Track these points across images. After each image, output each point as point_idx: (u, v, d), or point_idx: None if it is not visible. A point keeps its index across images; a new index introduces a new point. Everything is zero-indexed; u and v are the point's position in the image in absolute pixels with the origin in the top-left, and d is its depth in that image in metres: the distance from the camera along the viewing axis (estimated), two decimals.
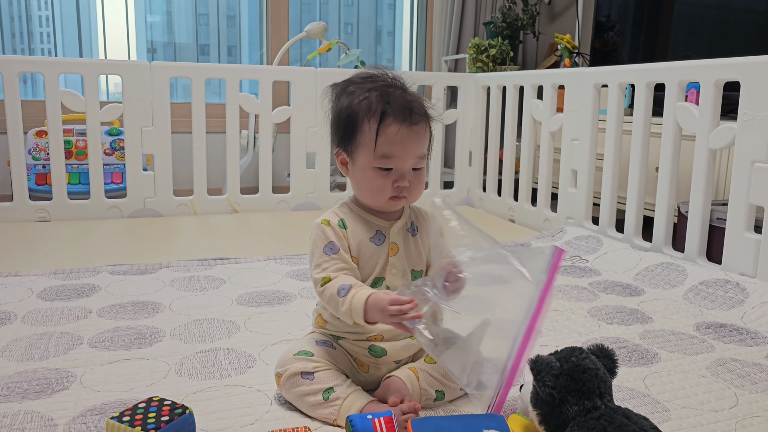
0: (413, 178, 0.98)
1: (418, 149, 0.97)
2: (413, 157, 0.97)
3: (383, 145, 0.95)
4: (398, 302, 0.86)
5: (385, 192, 0.97)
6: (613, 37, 2.95)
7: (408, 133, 0.96)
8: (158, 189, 2.51)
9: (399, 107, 0.96)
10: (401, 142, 0.95)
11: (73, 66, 2.39)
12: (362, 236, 1.00)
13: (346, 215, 1.02)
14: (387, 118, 0.95)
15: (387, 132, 0.95)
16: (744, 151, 1.64)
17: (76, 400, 1.00)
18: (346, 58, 3.07)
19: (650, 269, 1.76)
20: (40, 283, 1.59)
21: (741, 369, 1.17)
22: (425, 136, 0.99)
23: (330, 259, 0.97)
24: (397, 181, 0.96)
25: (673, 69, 1.84)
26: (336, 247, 0.97)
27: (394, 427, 0.84)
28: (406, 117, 0.95)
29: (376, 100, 0.96)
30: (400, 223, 1.02)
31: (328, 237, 0.98)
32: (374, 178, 0.97)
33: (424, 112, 0.98)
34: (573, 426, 0.73)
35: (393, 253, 1.01)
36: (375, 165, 0.97)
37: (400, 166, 0.96)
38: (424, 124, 0.99)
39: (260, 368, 1.13)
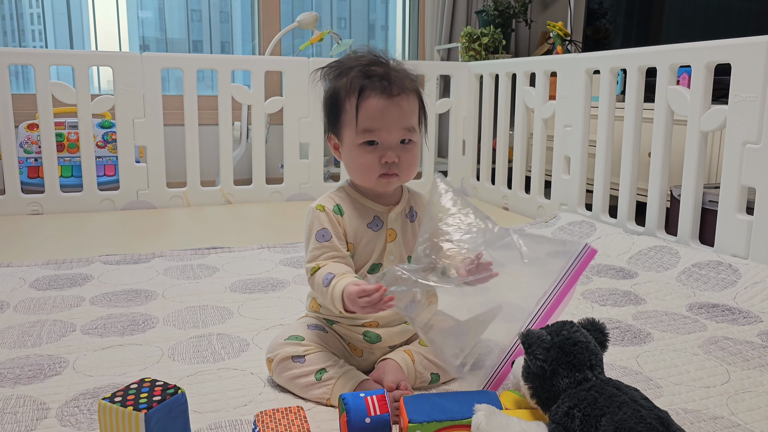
0: (402, 152, 0.96)
1: (402, 121, 0.95)
2: (398, 129, 0.95)
3: (363, 120, 0.94)
4: (365, 294, 0.84)
5: (374, 169, 0.95)
6: (605, 25, 2.95)
7: (388, 104, 0.94)
8: (151, 181, 2.50)
9: (377, 80, 0.95)
10: (380, 114, 0.94)
11: (64, 57, 2.38)
12: (359, 222, 0.98)
13: (343, 200, 1.00)
14: (365, 92, 0.94)
15: (365, 105, 0.94)
16: (735, 133, 1.64)
17: (69, 384, 0.99)
18: (339, 47, 3.06)
19: (643, 252, 1.76)
20: (33, 273, 1.58)
21: (733, 347, 1.18)
22: (410, 107, 0.96)
23: (321, 246, 0.95)
24: (384, 156, 0.94)
25: (664, 52, 1.84)
26: (328, 234, 0.96)
27: (386, 405, 0.84)
28: (385, 89, 0.94)
29: (356, 78, 0.96)
30: (399, 208, 1.01)
31: (322, 223, 0.97)
32: (360, 155, 0.96)
33: (404, 84, 0.96)
34: (564, 398, 0.73)
35: (391, 239, 1.00)
36: (359, 141, 0.95)
37: (384, 139, 0.95)
38: (407, 96, 0.96)
39: (253, 352, 1.13)
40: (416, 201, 1.05)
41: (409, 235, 1.01)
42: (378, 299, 0.83)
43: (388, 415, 0.82)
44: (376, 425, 0.82)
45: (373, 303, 0.83)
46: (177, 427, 0.81)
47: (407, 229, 1.01)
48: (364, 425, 0.81)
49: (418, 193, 1.07)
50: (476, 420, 0.72)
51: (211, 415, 0.91)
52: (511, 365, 0.88)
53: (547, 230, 2.10)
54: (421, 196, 1.07)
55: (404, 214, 1.02)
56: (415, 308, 0.88)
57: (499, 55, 3.27)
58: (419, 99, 1.00)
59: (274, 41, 3.07)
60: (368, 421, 0.81)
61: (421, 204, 1.05)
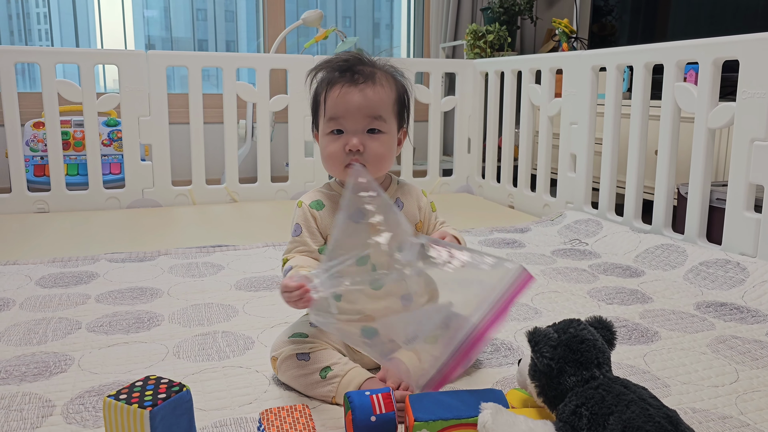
0: (368, 141, 0.96)
1: (367, 109, 0.95)
2: (362, 117, 0.95)
3: (329, 108, 0.97)
4: (286, 290, 0.84)
5: (339, 158, 0.97)
6: (611, 21, 2.94)
7: (351, 92, 0.95)
8: (157, 179, 2.50)
9: (346, 72, 0.97)
10: (343, 101, 0.95)
11: (70, 55, 2.38)
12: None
13: (324, 195, 1.02)
14: (332, 83, 0.97)
15: (331, 95, 0.97)
16: (743, 130, 1.63)
17: (74, 382, 0.99)
18: (343, 45, 3.06)
19: (650, 251, 1.75)
20: (39, 271, 1.58)
21: (742, 346, 1.17)
22: (377, 96, 0.96)
23: (293, 240, 1.00)
24: (348, 144, 0.95)
25: (672, 49, 1.83)
26: (299, 229, 1.00)
27: (392, 403, 0.83)
28: (350, 78, 0.96)
29: (329, 73, 0.99)
30: None
31: (296, 219, 1.01)
32: (327, 144, 0.98)
33: (373, 74, 0.97)
34: (571, 396, 0.72)
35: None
36: (327, 130, 0.98)
37: (349, 127, 0.96)
38: (374, 85, 0.97)
39: (259, 350, 1.12)
40: (404, 192, 1.05)
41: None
42: (297, 297, 0.84)
43: (394, 414, 0.82)
44: (381, 424, 0.81)
45: (292, 300, 0.84)
46: (182, 424, 0.81)
47: None
48: (370, 424, 0.81)
49: (409, 185, 1.07)
50: (483, 418, 0.72)
51: (216, 413, 0.90)
52: (446, 375, 0.85)
53: (553, 228, 2.09)
54: (413, 188, 1.07)
55: None
56: (328, 319, 0.87)
57: (505, 53, 3.26)
58: (398, 92, 1.00)
59: (279, 39, 3.07)
60: (374, 419, 0.81)
61: (411, 195, 1.06)
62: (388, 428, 0.82)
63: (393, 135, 1.00)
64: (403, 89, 1.02)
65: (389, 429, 0.82)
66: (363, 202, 0.89)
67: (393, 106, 0.99)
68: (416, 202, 1.05)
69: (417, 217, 1.05)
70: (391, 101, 0.99)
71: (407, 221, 0.91)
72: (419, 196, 1.06)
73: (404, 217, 0.92)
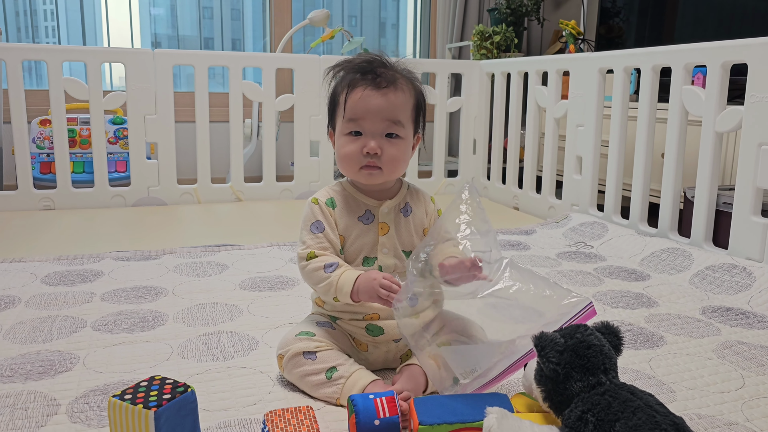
0: (386, 145, 0.97)
1: (387, 113, 0.96)
2: (381, 120, 0.96)
3: (349, 110, 0.97)
4: (389, 287, 0.88)
5: (356, 159, 0.97)
6: (618, 23, 2.93)
7: (373, 95, 0.96)
8: (162, 177, 2.51)
9: (368, 74, 0.97)
10: (365, 103, 0.96)
11: (76, 53, 2.39)
12: (351, 215, 1.00)
13: (337, 193, 1.02)
14: (354, 85, 0.98)
15: (352, 96, 0.97)
16: (751, 134, 1.62)
17: (79, 380, 1.00)
18: (350, 45, 3.05)
19: (656, 254, 1.74)
20: (44, 268, 1.59)
21: (748, 351, 1.16)
22: (398, 101, 0.97)
23: (315, 237, 0.99)
24: (366, 146, 0.96)
25: (679, 52, 1.82)
26: (321, 226, 0.99)
27: (396, 407, 0.83)
28: (373, 81, 0.97)
29: (350, 73, 0.99)
30: (391, 203, 1.02)
31: (315, 215, 1.00)
32: (344, 144, 0.98)
33: (395, 79, 0.98)
34: (577, 402, 0.72)
35: (383, 233, 1.01)
36: (345, 131, 0.98)
37: (368, 129, 0.96)
38: (396, 90, 0.97)
39: (263, 350, 1.12)
40: (414, 197, 1.06)
41: (402, 229, 1.02)
42: (386, 296, 0.88)
43: (398, 417, 0.82)
44: (385, 427, 0.81)
45: (389, 293, 0.88)
46: (186, 425, 0.81)
47: (400, 223, 1.02)
48: (374, 427, 0.81)
49: (419, 191, 1.08)
50: (488, 423, 0.72)
51: (221, 413, 0.90)
52: (511, 371, 0.86)
53: (558, 231, 2.09)
54: (422, 193, 1.08)
55: (398, 209, 1.03)
56: (417, 301, 0.90)
57: (511, 54, 3.26)
58: (416, 98, 1.01)
59: (286, 38, 3.07)
60: (377, 423, 0.81)
61: (420, 201, 1.06)
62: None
63: (409, 140, 1.01)
64: (421, 95, 1.03)
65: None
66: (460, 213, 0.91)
67: (411, 111, 1.01)
68: (424, 208, 1.06)
69: (424, 222, 1.05)
70: (410, 107, 1.00)
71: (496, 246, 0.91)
72: (427, 202, 1.07)
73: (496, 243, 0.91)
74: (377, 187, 1.02)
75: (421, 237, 1.04)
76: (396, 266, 1.01)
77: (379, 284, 0.89)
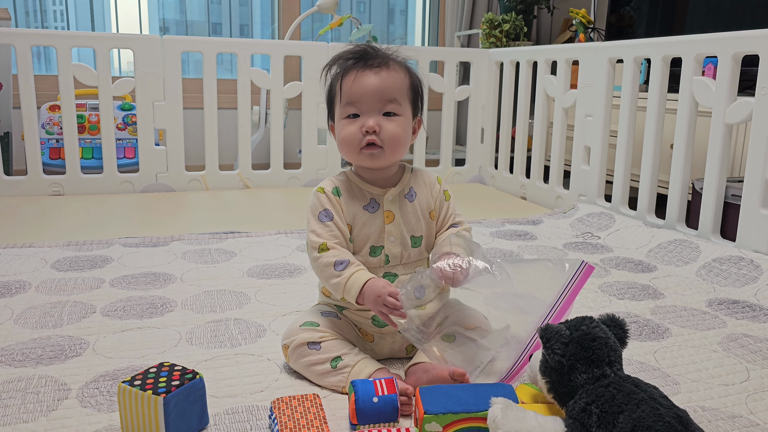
0: (384, 122, 0.97)
1: (382, 92, 0.97)
2: (378, 100, 0.97)
3: (345, 94, 0.98)
4: (392, 305, 0.89)
5: (355, 140, 0.97)
6: (629, 12, 2.90)
7: (366, 75, 0.97)
8: (170, 164, 2.52)
9: (360, 59, 0.99)
10: (359, 85, 0.97)
11: (85, 39, 2.39)
12: (356, 204, 1.01)
13: (342, 183, 1.03)
14: (347, 70, 0.99)
15: (346, 80, 0.98)
16: (761, 126, 1.61)
17: (89, 366, 1.01)
18: (358, 32, 3.04)
19: (663, 246, 1.74)
20: (54, 254, 1.60)
21: (753, 344, 1.16)
22: (392, 80, 0.98)
23: (325, 226, 0.99)
24: (364, 125, 0.96)
25: (690, 42, 1.81)
26: (330, 214, 0.99)
27: (394, 387, 0.84)
28: (364, 64, 0.98)
29: (343, 63, 1.00)
30: (395, 190, 1.02)
31: (323, 204, 1.00)
32: (344, 127, 0.99)
33: (387, 60, 0.99)
34: (581, 393, 0.73)
35: (389, 221, 1.01)
36: (343, 115, 0.99)
37: (365, 110, 0.97)
38: (388, 69, 0.98)
39: (270, 338, 1.14)
40: (417, 180, 1.05)
41: (409, 215, 1.02)
42: (398, 309, 0.90)
43: (396, 395, 0.83)
44: (383, 404, 0.83)
45: (390, 311, 0.90)
46: (195, 411, 0.82)
47: (407, 209, 1.02)
48: (372, 404, 0.82)
49: (423, 172, 1.07)
50: (492, 413, 0.72)
51: (228, 400, 0.92)
52: (528, 358, 0.88)
53: (565, 221, 2.09)
54: (427, 175, 1.07)
55: (402, 195, 1.03)
56: (423, 292, 0.92)
57: (521, 43, 3.23)
58: (411, 79, 1.02)
59: (294, 25, 3.06)
60: (376, 400, 0.82)
61: (425, 183, 1.05)
62: (391, 409, 0.83)
63: (408, 119, 1.01)
64: (416, 78, 1.03)
65: (391, 410, 0.83)
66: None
67: (407, 91, 1.00)
68: (429, 190, 1.05)
69: (431, 204, 1.05)
70: (405, 86, 1.00)
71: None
72: (433, 183, 1.06)
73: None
74: (380, 175, 1.02)
75: (428, 221, 1.04)
76: (402, 255, 1.01)
77: (383, 301, 0.90)
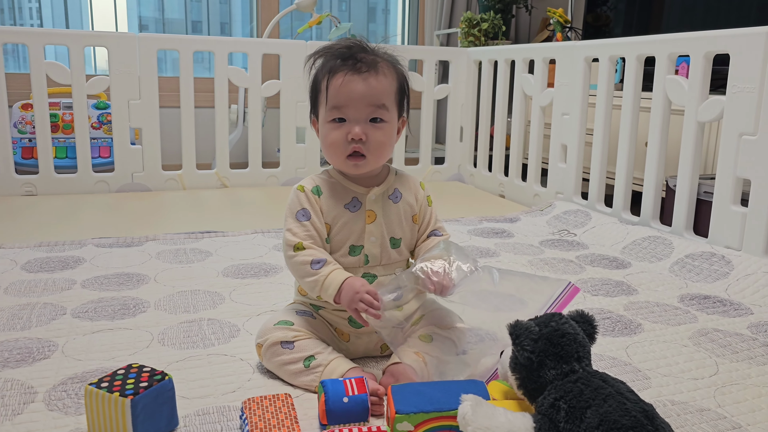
0: (371, 130, 0.96)
1: (370, 98, 0.95)
2: (365, 106, 0.95)
3: (332, 97, 0.96)
4: (368, 302, 0.89)
5: (341, 147, 0.96)
6: (605, 12, 2.92)
7: (354, 80, 0.95)
8: (146, 163, 2.49)
9: (348, 60, 0.97)
10: (347, 89, 0.95)
11: (58, 37, 2.36)
12: (337, 203, 1.00)
13: (323, 181, 1.02)
14: (335, 71, 0.97)
15: (334, 83, 0.96)
16: (732, 124, 1.63)
17: (57, 368, 0.99)
18: (337, 31, 3.03)
19: (637, 243, 1.76)
20: (25, 255, 1.58)
21: (723, 339, 1.18)
22: (380, 85, 0.96)
23: (301, 225, 0.98)
24: (350, 132, 0.95)
25: (664, 42, 1.83)
26: (308, 214, 0.98)
27: (365, 387, 0.84)
28: (353, 67, 0.96)
29: (330, 59, 0.98)
30: (378, 190, 1.01)
31: (302, 203, 0.99)
32: (329, 132, 0.98)
33: (376, 63, 0.97)
34: (550, 389, 0.73)
35: (370, 221, 1.00)
36: (329, 119, 0.97)
37: (351, 115, 0.96)
38: (377, 74, 0.97)
39: (244, 338, 1.13)
40: (402, 183, 1.05)
41: (392, 216, 1.01)
42: (375, 309, 0.89)
43: (366, 395, 0.83)
44: (353, 404, 0.82)
45: (367, 309, 0.88)
46: (164, 413, 0.81)
47: (390, 210, 1.02)
48: (342, 404, 0.82)
49: (407, 176, 1.07)
50: (462, 410, 0.72)
51: (199, 401, 0.91)
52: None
53: (542, 218, 2.10)
54: (411, 179, 1.07)
55: (386, 195, 1.02)
56: (402, 295, 0.92)
57: (499, 42, 3.25)
58: (399, 81, 1.00)
59: (272, 24, 3.04)
60: (346, 400, 0.82)
61: (410, 186, 1.05)
62: (361, 409, 0.83)
63: (394, 124, 1.00)
64: (404, 78, 1.02)
65: (362, 410, 0.83)
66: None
67: (395, 95, 0.99)
68: (413, 194, 1.05)
69: (414, 208, 1.04)
70: (393, 90, 0.99)
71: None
72: (417, 188, 1.06)
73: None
74: (364, 174, 1.01)
75: (411, 224, 1.03)
76: (382, 256, 1.01)
77: (360, 297, 0.89)
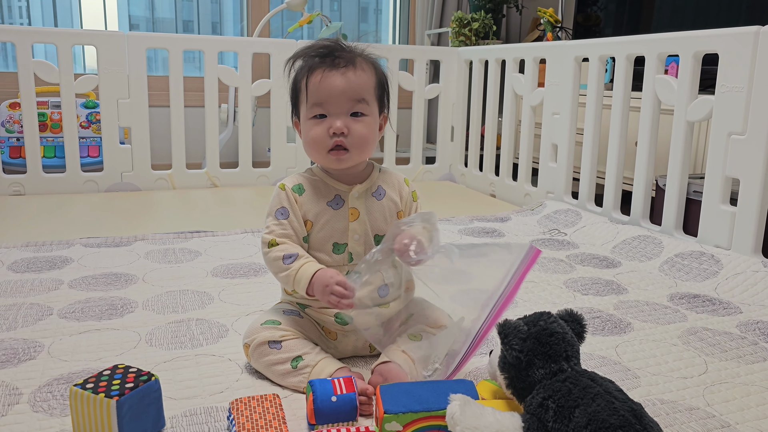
0: (352, 124, 0.96)
1: (350, 92, 0.96)
2: (345, 100, 0.96)
3: (312, 94, 0.97)
4: (340, 294, 0.89)
5: (323, 142, 0.97)
6: (596, 12, 2.93)
7: (333, 75, 0.96)
8: (136, 163, 2.47)
9: (326, 57, 0.97)
10: (326, 85, 0.95)
11: (46, 35, 2.34)
12: (318, 200, 1.00)
13: (306, 179, 1.02)
14: (313, 69, 0.97)
15: (313, 80, 0.97)
16: (721, 124, 1.64)
17: (43, 369, 0.98)
18: (327, 30, 3.03)
19: (627, 242, 1.77)
20: (11, 255, 1.56)
21: (712, 338, 1.18)
22: (359, 80, 0.97)
23: (279, 223, 0.98)
24: (332, 126, 0.95)
25: (653, 41, 1.83)
26: (287, 213, 0.99)
27: (353, 386, 0.84)
28: (331, 63, 0.97)
29: (308, 59, 0.99)
30: (361, 187, 1.01)
31: (281, 202, 1.00)
32: (310, 128, 0.98)
33: (353, 59, 0.98)
34: (539, 388, 0.73)
35: (353, 219, 1.00)
36: (310, 115, 0.98)
37: (332, 111, 0.96)
38: (355, 69, 0.97)
39: (232, 338, 1.12)
40: (386, 180, 1.05)
41: (375, 213, 1.01)
42: (347, 298, 0.89)
43: (354, 394, 0.82)
44: (342, 404, 0.82)
45: (340, 298, 0.89)
46: (150, 414, 0.80)
47: (373, 207, 1.01)
48: (330, 404, 0.81)
49: (391, 172, 1.07)
50: (451, 410, 0.72)
51: (187, 402, 0.90)
52: (476, 348, 0.88)
53: (533, 218, 2.10)
54: (395, 176, 1.07)
55: (369, 192, 1.02)
56: (388, 291, 0.92)
57: (490, 41, 3.25)
58: (378, 77, 1.01)
59: (263, 23, 3.03)
60: (334, 399, 0.81)
61: (393, 183, 1.05)
62: (350, 408, 0.82)
63: (375, 118, 1.00)
64: (383, 74, 1.02)
65: (350, 410, 0.82)
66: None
67: (374, 89, 0.99)
68: (398, 191, 1.05)
69: (399, 205, 1.04)
70: (372, 84, 0.99)
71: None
72: (401, 184, 1.06)
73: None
74: (347, 171, 1.01)
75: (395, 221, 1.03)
76: (366, 253, 1.00)
77: (331, 290, 0.90)
